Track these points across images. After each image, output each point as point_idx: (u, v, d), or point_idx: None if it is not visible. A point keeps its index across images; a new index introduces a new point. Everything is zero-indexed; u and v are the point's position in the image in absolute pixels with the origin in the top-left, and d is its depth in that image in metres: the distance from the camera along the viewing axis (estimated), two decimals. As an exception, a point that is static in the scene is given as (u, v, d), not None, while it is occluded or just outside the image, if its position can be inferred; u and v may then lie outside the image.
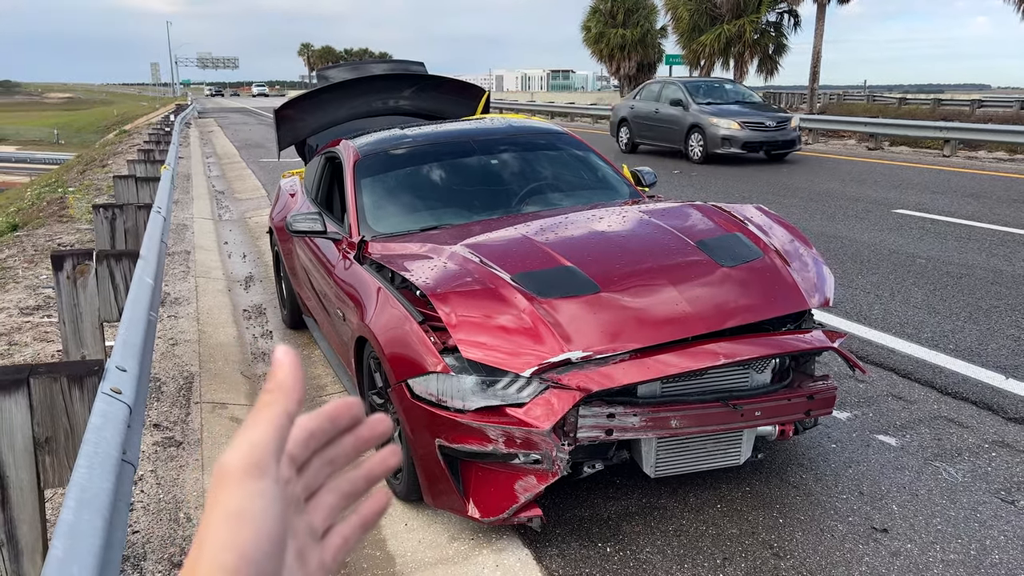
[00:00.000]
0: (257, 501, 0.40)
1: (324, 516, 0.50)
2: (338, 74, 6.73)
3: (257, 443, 0.42)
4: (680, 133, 16.57)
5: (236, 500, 0.40)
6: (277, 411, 0.44)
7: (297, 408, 0.45)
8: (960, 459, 3.68)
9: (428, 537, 3.18)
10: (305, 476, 0.48)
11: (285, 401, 0.44)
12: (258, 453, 0.42)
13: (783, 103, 43.51)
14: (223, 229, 10.16)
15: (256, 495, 0.40)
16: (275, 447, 0.43)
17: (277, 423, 0.43)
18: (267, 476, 0.41)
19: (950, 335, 5.27)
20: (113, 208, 6.11)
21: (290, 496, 0.45)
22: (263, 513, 0.40)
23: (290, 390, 0.45)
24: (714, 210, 3.91)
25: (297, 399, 0.45)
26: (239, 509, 0.40)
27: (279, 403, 0.44)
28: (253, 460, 0.41)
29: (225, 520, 0.40)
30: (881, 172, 14.36)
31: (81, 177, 16.92)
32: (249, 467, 0.41)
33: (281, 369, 0.46)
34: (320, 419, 0.49)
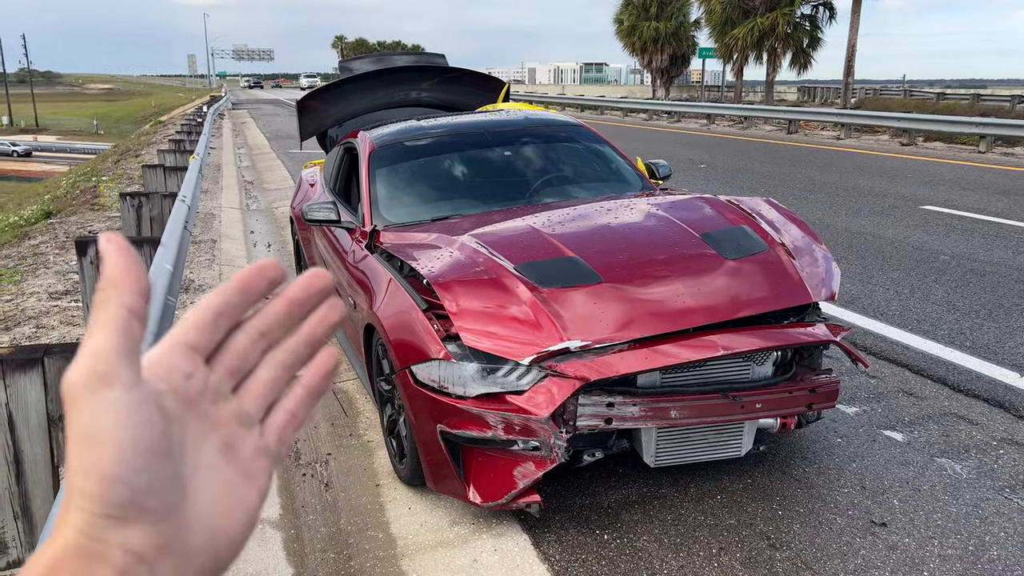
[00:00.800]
0: (106, 415, 0.36)
1: (262, 395, 0.44)
2: (361, 66, 6.82)
3: (95, 351, 0.37)
4: None
5: (83, 419, 0.36)
6: (112, 309, 0.38)
7: (137, 299, 0.38)
8: (967, 456, 3.66)
9: (430, 521, 3.25)
10: (226, 359, 0.43)
11: (119, 295, 0.38)
12: (98, 362, 0.36)
13: (817, 97, 42.95)
14: (250, 219, 10.32)
15: (104, 409, 0.36)
16: (120, 351, 0.37)
17: (116, 323, 0.37)
18: (115, 384, 0.36)
19: (967, 332, 5.21)
20: (140, 196, 6.27)
21: (193, 390, 0.41)
22: (117, 426, 0.36)
23: (123, 280, 0.38)
24: (722, 203, 3.92)
25: (134, 288, 0.39)
26: (87, 429, 0.36)
27: (113, 300, 0.38)
28: (93, 371, 0.36)
29: (77, 443, 0.36)
30: (912, 168, 14.15)
31: (115, 167, 17.27)
32: (89, 379, 0.36)
33: (108, 260, 0.39)
34: (227, 293, 0.43)
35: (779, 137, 21.38)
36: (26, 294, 6.17)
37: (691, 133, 23.09)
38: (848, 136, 20.70)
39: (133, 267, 0.39)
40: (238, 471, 0.42)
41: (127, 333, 0.38)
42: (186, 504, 0.39)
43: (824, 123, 23.35)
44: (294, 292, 0.46)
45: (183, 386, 0.41)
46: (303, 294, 0.46)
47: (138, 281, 0.39)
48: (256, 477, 0.43)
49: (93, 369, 0.36)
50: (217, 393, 0.42)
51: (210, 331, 0.42)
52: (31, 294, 6.17)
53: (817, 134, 22.25)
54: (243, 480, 0.42)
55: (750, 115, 24.76)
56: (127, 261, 0.39)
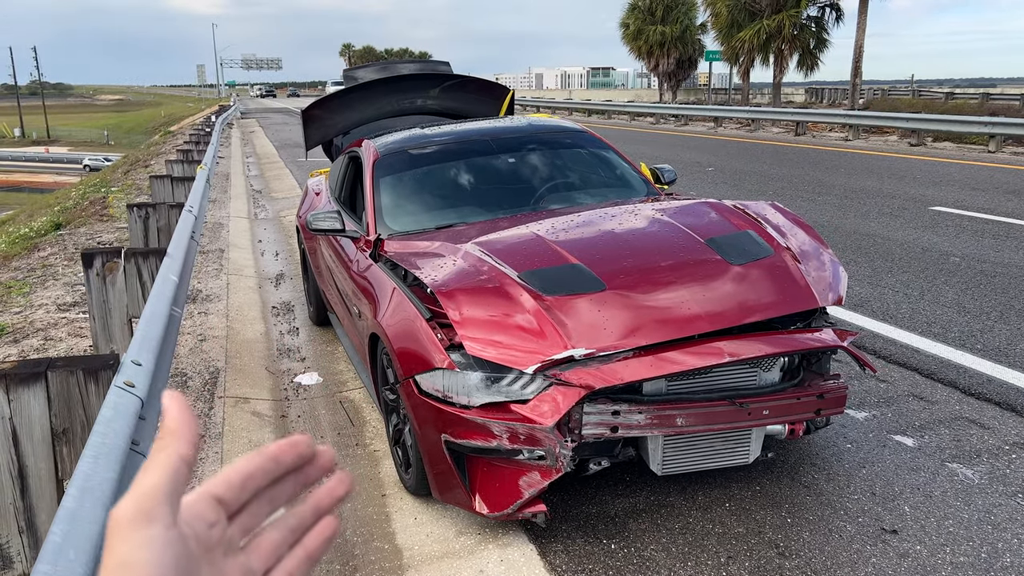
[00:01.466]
0: (144, 550, 0.40)
1: (266, 554, 0.49)
2: (365, 74, 6.83)
3: (146, 491, 0.42)
4: None
5: (123, 550, 0.40)
6: (167, 456, 0.44)
7: (189, 450, 0.45)
8: (978, 461, 3.61)
9: (436, 531, 3.23)
10: (242, 517, 0.48)
11: (175, 445, 0.44)
12: (146, 501, 0.41)
13: (825, 99, 42.80)
14: (258, 228, 10.35)
15: (143, 544, 0.40)
16: (166, 493, 0.42)
17: (168, 468, 0.43)
18: (156, 523, 0.41)
19: (978, 335, 5.16)
20: (147, 207, 6.29)
21: (213, 540, 0.45)
22: (151, 562, 0.40)
23: (180, 433, 0.45)
24: (727, 208, 3.90)
25: (188, 441, 0.45)
26: (125, 559, 0.39)
27: (169, 448, 0.44)
28: (140, 508, 0.41)
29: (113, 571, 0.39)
30: (921, 168, 14.07)
31: (125, 177, 17.36)
32: (136, 515, 0.41)
33: (170, 414, 0.46)
34: (260, 459, 0.49)
35: (787, 139, 21.31)
36: (35, 306, 6.20)
37: (698, 136, 23.05)
38: (856, 137, 20.61)
39: (190, 422, 0.46)
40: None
41: (176, 478, 0.43)
42: None
43: (832, 124, 23.27)
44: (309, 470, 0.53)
45: (205, 534, 0.45)
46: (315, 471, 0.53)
47: (191, 434, 0.46)
48: None
49: (139, 506, 0.41)
50: (229, 546, 0.47)
51: (238, 490, 0.48)
52: (40, 306, 6.20)
53: (825, 135, 22.17)
54: None
55: (757, 117, 24.70)
56: (186, 416, 0.46)
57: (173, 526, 0.42)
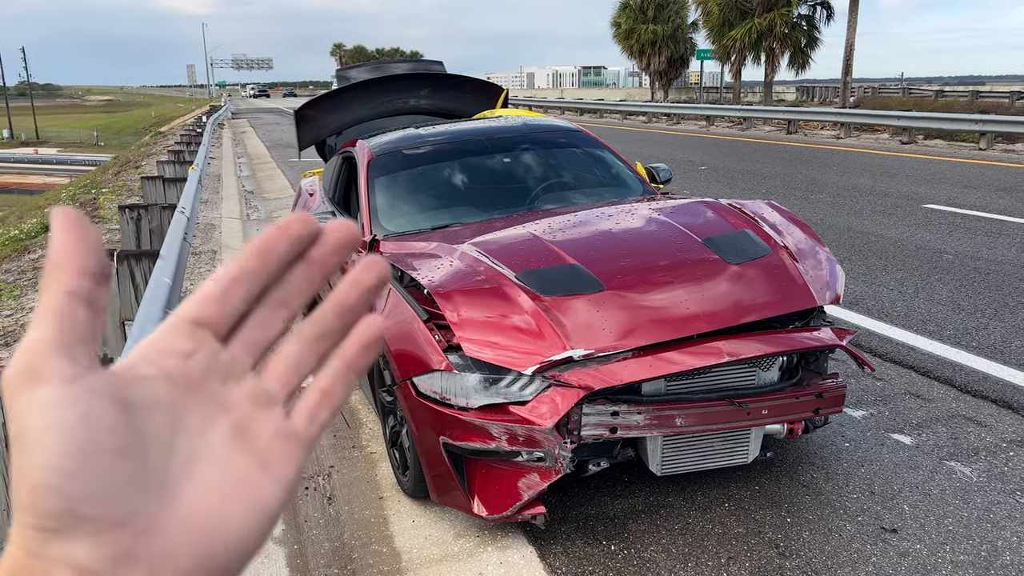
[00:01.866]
0: (35, 416, 0.32)
1: (287, 373, 0.39)
2: (358, 74, 6.80)
3: (29, 344, 0.33)
4: None
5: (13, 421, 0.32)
6: (51, 296, 0.34)
7: (81, 280, 0.34)
8: (976, 458, 3.62)
9: (434, 534, 3.21)
10: (244, 333, 0.38)
11: (61, 277, 0.34)
12: (30, 357, 0.33)
13: (816, 97, 42.93)
14: (251, 229, 10.30)
15: (33, 408, 0.32)
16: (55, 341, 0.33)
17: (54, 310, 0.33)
18: (46, 381, 0.32)
19: (974, 332, 5.17)
20: (138, 209, 6.25)
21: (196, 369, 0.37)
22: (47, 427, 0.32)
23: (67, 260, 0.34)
24: (724, 207, 3.89)
25: (78, 268, 0.34)
26: (17, 431, 0.32)
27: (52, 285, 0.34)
28: (24, 366, 0.32)
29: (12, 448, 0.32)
30: (913, 166, 14.11)
31: (115, 178, 17.27)
32: (20, 376, 0.32)
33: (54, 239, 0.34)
34: (244, 260, 0.38)
35: (779, 137, 21.35)
36: (26, 309, 6.15)
37: (691, 135, 23.07)
38: (848, 135, 20.67)
39: (79, 244, 0.34)
40: (252, 459, 0.37)
41: (67, 321, 0.33)
42: (163, 503, 0.34)
43: (824, 122, 23.32)
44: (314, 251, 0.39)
45: (181, 367, 0.36)
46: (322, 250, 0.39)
47: (84, 260, 0.34)
48: (276, 465, 0.37)
49: (24, 364, 0.32)
50: (229, 372, 0.38)
51: (219, 303, 0.37)
52: (30, 309, 6.15)
53: (817, 134, 22.22)
54: (258, 469, 0.37)
55: (749, 116, 24.74)
56: (73, 238, 0.34)
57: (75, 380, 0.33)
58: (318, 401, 0.39)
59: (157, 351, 0.36)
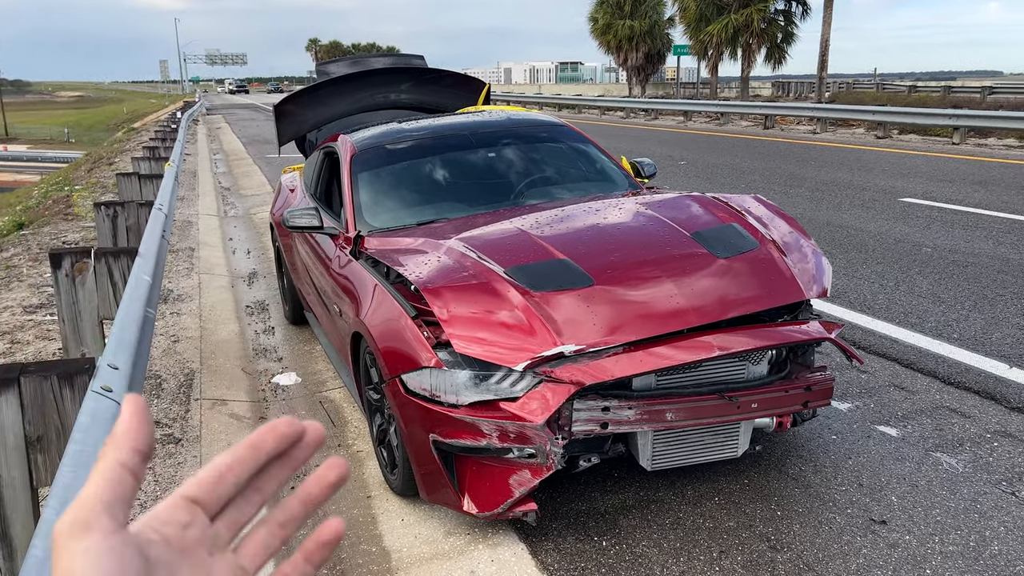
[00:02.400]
0: (81, 560, 0.38)
1: (257, 554, 0.47)
2: (338, 69, 6.72)
3: (82, 500, 0.40)
4: None
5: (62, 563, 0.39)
6: (106, 464, 0.42)
7: (131, 456, 0.42)
8: (961, 449, 3.64)
9: (424, 532, 3.18)
10: (229, 513, 0.46)
11: (116, 451, 0.42)
12: (82, 511, 0.40)
13: (792, 92, 43.25)
14: (228, 225, 10.18)
15: (80, 554, 0.38)
16: (104, 501, 0.40)
17: (106, 476, 0.41)
18: (93, 531, 0.39)
19: (954, 324, 5.22)
20: (115, 206, 6.13)
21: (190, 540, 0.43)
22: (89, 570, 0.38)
23: (123, 440, 0.43)
24: (711, 201, 3.88)
25: (131, 447, 0.43)
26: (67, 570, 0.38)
27: (109, 455, 0.42)
28: (76, 519, 0.39)
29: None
30: (889, 161, 14.25)
31: (88, 175, 17.00)
32: (72, 526, 0.39)
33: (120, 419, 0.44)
34: (237, 450, 0.46)
35: (756, 132, 21.48)
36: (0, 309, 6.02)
37: (669, 130, 23.15)
38: (824, 130, 20.84)
39: (139, 427, 0.43)
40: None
41: (116, 486, 0.41)
42: None
43: (800, 117, 23.50)
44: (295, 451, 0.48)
45: (178, 535, 0.43)
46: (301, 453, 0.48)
47: (138, 440, 0.43)
48: None
49: (76, 517, 0.40)
50: (214, 544, 0.45)
51: (212, 486, 0.45)
52: (4, 308, 6.02)
53: (793, 128, 22.38)
54: None
55: (727, 111, 24.87)
56: (135, 422, 0.44)
57: (114, 533, 0.40)
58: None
59: (160, 521, 0.43)
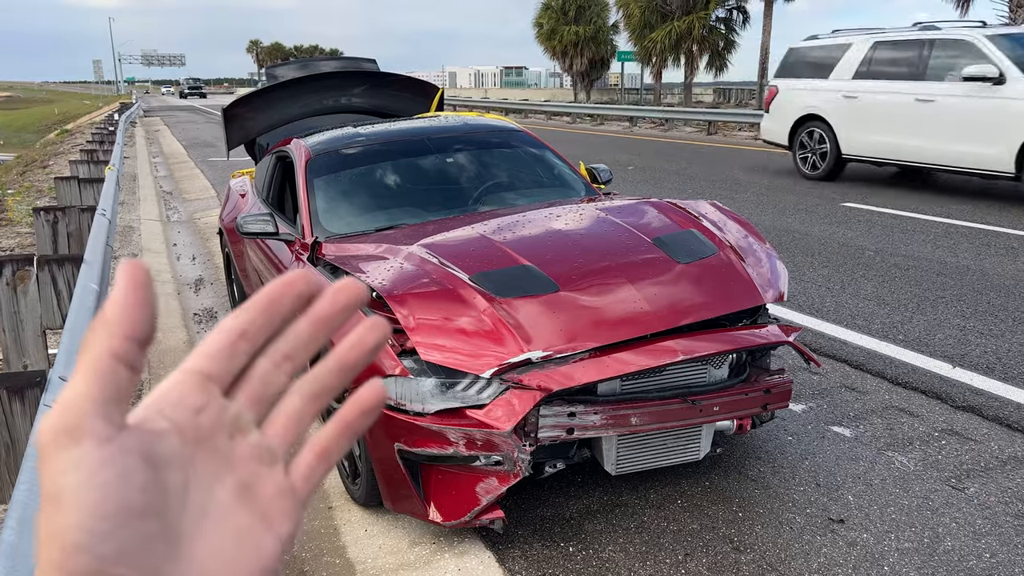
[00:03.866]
0: (71, 474, 0.32)
1: (287, 429, 0.40)
2: (287, 72, 6.61)
3: (67, 402, 0.33)
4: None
5: (48, 479, 0.33)
6: (95, 355, 0.34)
7: (128, 343, 0.34)
8: (912, 448, 3.76)
9: (388, 543, 3.14)
10: (249, 387, 0.39)
11: (106, 338, 0.34)
12: (68, 414, 0.33)
13: (733, 99, 44.13)
14: (171, 231, 9.92)
15: (69, 467, 0.32)
16: (96, 400, 0.33)
17: (95, 370, 0.34)
18: (84, 439, 0.33)
19: (899, 326, 5.39)
20: (55, 211, 5.93)
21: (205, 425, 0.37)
22: (83, 487, 0.32)
23: (116, 323, 0.34)
24: (669, 207, 3.93)
25: (125, 332, 0.34)
26: (52, 490, 0.33)
27: (97, 343, 0.34)
28: (63, 424, 0.33)
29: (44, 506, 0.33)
30: (829, 166, 14.61)
31: (21, 179, 16.38)
32: (58, 434, 0.33)
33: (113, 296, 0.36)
34: (250, 313, 0.39)
35: (700, 138, 21.86)
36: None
37: (615, 135, 23.40)
38: (766, 136, 21.29)
39: (136, 307, 0.35)
40: (255, 514, 0.38)
41: (108, 381, 0.34)
42: (179, 560, 0.35)
43: (741, 123, 23.98)
44: (320, 308, 0.40)
45: (192, 422, 0.37)
46: (330, 309, 0.40)
47: (135, 324, 0.35)
48: (276, 521, 0.38)
49: (62, 423, 0.33)
50: (235, 426, 0.38)
51: (227, 357, 0.38)
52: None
53: (735, 134, 22.84)
54: (260, 524, 0.38)
55: (671, 117, 25.25)
56: (131, 299, 0.35)
57: (111, 439, 0.33)
58: (315, 461, 0.40)
59: (169, 404, 0.36)
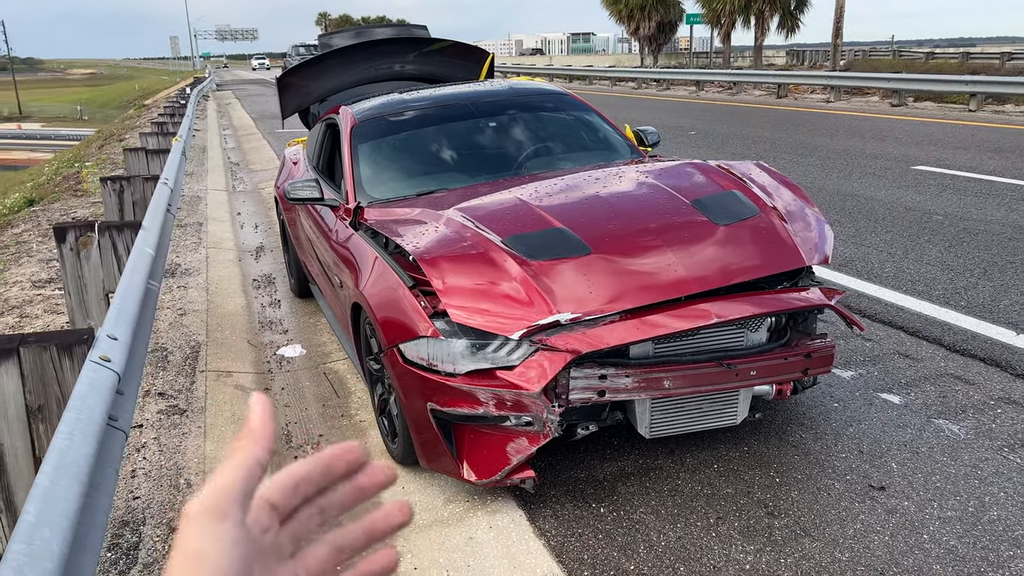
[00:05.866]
0: (215, 544, 0.41)
1: (314, 569, 0.49)
2: (340, 40, 6.68)
3: (220, 487, 0.43)
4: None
5: (194, 541, 0.41)
6: (244, 457, 0.45)
7: (266, 455, 0.46)
8: (964, 416, 3.63)
9: (424, 500, 3.21)
10: (292, 525, 0.48)
11: (253, 448, 0.45)
12: (220, 497, 0.42)
13: (806, 61, 42.65)
14: (236, 200, 10.20)
15: (214, 537, 0.41)
16: (240, 491, 0.43)
17: (244, 469, 0.44)
18: (228, 519, 0.42)
19: (962, 292, 5.17)
20: (121, 180, 6.15)
21: (266, 544, 0.46)
22: (221, 555, 0.41)
23: (259, 437, 0.46)
24: (713, 168, 3.84)
25: (266, 446, 0.46)
26: (197, 550, 0.40)
27: (247, 450, 0.45)
28: (214, 503, 0.42)
29: (183, 561, 0.40)
30: (903, 128, 14.06)
31: (99, 152, 17.05)
32: (209, 510, 0.42)
33: (253, 415, 0.47)
34: (312, 465, 0.49)
35: (769, 102, 21.23)
36: (9, 284, 6.08)
37: (680, 100, 22.92)
38: (838, 99, 20.56)
39: (271, 428, 0.47)
40: None
41: (249, 480, 0.44)
42: None
43: (813, 86, 23.18)
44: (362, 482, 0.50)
45: (260, 538, 0.45)
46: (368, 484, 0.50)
47: (269, 439, 0.46)
48: None
49: (213, 502, 0.42)
50: (280, 554, 0.47)
51: (290, 496, 0.47)
52: (14, 283, 6.08)
53: (807, 97, 22.10)
54: None
55: (739, 80, 24.57)
56: (267, 420, 0.47)
57: (242, 525, 0.43)
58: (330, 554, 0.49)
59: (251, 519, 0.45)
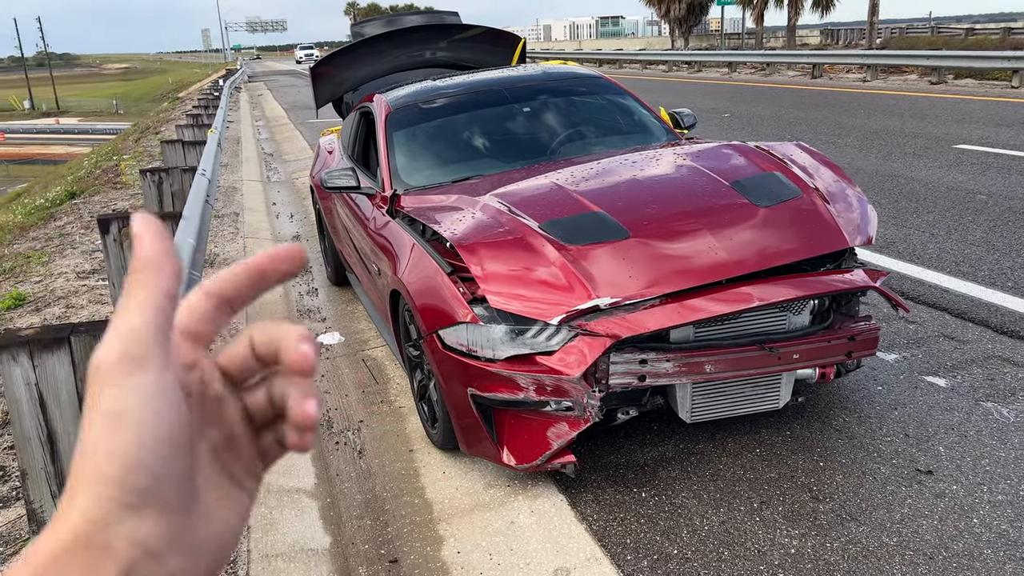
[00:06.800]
0: (136, 398, 0.35)
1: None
2: (372, 28, 6.69)
3: (131, 332, 0.35)
4: None
5: (113, 400, 0.35)
6: (151, 291, 0.36)
7: (174, 283, 0.37)
8: (1014, 399, 3.55)
9: (465, 484, 3.23)
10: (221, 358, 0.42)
11: (158, 278, 0.37)
12: (134, 343, 0.35)
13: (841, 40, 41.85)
14: (271, 190, 10.30)
15: (135, 391, 0.35)
16: (155, 333, 0.36)
17: (154, 305, 0.36)
18: (147, 369, 0.35)
19: (1009, 272, 5.05)
20: (160, 172, 6.24)
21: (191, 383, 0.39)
22: (146, 411, 0.35)
23: (160, 264, 0.37)
24: (752, 149, 3.79)
25: (171, 272, 0.37)
26: (117, 410, 0.34)
27: (151, 282, 0.37)
28: (128, 352, 0.35)
29: (103, 424, 0.34)
30: (943, 107, 13.74)
31: (136, 145, 17.32)
32: (123, 360, 0.35)
33: (145, 242, 0.38)
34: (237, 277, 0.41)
35: (803, 82, 20.88)
36: (54, 275, 6.21)
37: (712, 82, 22.64)
38: (875, 78, 20.15)
39: (169, 249, 0.39)
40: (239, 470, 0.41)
41: (163, 316, 0.37)
42: (198, 499, 0.38)
43: (849, 65, 22.74)
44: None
45: (184, 379, 0.39)
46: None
47: (174, 264, 0.38)
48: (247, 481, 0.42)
49: (127, 350, 0.35)
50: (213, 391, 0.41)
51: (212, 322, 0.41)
52: (59, 275, 6.21)
53: (842, 77, 21.69)
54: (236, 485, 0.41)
55: (772, 61, 24.19)
56: (163, 243, 0.38)
57: (167, 370, 0.36)
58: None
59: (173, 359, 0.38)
